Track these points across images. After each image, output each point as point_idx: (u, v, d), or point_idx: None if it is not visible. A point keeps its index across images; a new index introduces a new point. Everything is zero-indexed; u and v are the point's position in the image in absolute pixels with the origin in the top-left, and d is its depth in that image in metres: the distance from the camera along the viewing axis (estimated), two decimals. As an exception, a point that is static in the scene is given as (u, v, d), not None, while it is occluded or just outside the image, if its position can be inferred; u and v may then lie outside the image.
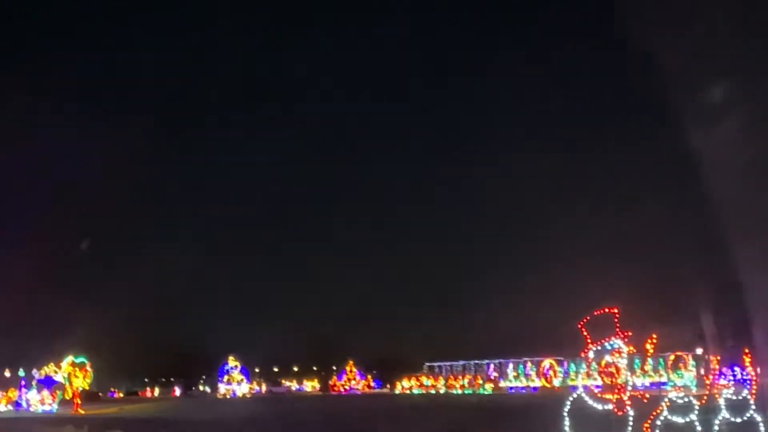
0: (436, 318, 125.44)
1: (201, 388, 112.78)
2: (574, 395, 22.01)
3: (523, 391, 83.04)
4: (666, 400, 20.87)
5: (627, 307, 22.09)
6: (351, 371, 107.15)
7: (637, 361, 22.39)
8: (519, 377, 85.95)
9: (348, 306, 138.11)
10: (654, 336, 21.33)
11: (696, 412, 20.58)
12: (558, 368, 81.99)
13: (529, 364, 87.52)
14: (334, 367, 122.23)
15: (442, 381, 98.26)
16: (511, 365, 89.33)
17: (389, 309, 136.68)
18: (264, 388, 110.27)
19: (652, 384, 75.02)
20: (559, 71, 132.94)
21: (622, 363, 21.49)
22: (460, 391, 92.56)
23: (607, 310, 21.63)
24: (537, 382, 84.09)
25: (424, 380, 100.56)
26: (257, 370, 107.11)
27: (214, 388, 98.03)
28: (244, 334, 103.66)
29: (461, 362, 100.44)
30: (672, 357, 74.20)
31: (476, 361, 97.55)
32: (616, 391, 21.40)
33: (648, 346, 21.34)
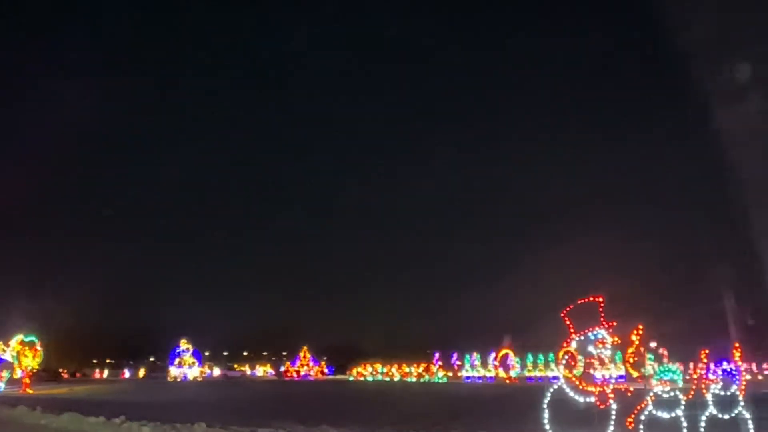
0: (391, 306, 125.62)
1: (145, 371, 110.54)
2: (554, 387, 21.06)
3: (480, 380, 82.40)
4: (651, 394, 20.00)
5: (613, 297, 21.25)
6: (305, 357, 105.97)
7: (619, 353, 21.36)
8: (476, 367, 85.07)
9: (301, 292, 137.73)
10: (640, 326, 20.42)
11: (682, 407, 19.77)
12: (516, 359, 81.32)
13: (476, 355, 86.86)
14: (285, 353, 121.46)
15: (396, 368, 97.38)
16: (470, 355, 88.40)
17: (343, 297, 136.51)
18: (216, 371, 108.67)
19: (609, 378, 75.56)
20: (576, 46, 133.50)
21: (606, 354, 20.59)
22: (415, 379, 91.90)
23: (591, 298, 20.72)
24: (493, 373, 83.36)
25: (379, 367, 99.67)
26: (207, 353, 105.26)
27: (165, 371, 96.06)
28: (195, 318, 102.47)
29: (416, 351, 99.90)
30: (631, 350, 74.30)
31: (433, 350, 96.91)
32: (599, 383, 20.47)
33: (633, 337, 20.40)
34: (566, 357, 20.90)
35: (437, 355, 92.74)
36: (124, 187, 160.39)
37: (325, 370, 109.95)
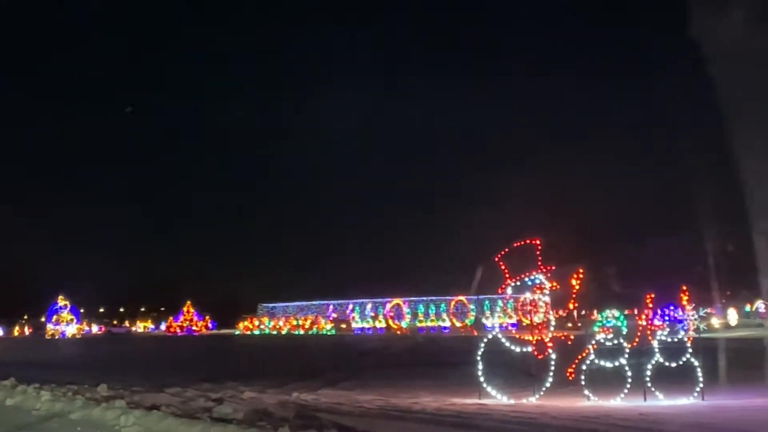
0: (273, 261, 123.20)
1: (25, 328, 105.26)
2: (489, 336, 19.56)
3: (370, 332, 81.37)
4: (593, 342, 18.70)
5: (550, 240, 19.81)
6: (188, 312, 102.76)
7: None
8: (366, 318, 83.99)
9: (180, 246, 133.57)
10: (581, 270, 19.00)
11: (626, 355, 18.54)
12: (407, 309, 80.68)
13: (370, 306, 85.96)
14: (163, 308, 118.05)
15: (284, 322, 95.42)
16: (351, 305, 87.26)
17: (226, 250, 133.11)
18: (95, 328, 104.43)
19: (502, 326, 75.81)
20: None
21: (545, 300, 19.13)
22: (302, 332, 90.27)
23: (527, 241, 19.21)
24: (384, 324, 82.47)
25: (267, 321, 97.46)
26: (82, 310, 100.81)
27: (44, 328, 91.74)
28: (69, 273, 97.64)
29: (298, 303, 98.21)
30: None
31: (317, 302, 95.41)
32: (536, 332, 19.05)
33: (573, 282, 18.98)
34: (503, 304, 19.24)
35: (330, 307, 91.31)
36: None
37: (209, 325, 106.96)
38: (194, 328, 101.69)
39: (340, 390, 21.62)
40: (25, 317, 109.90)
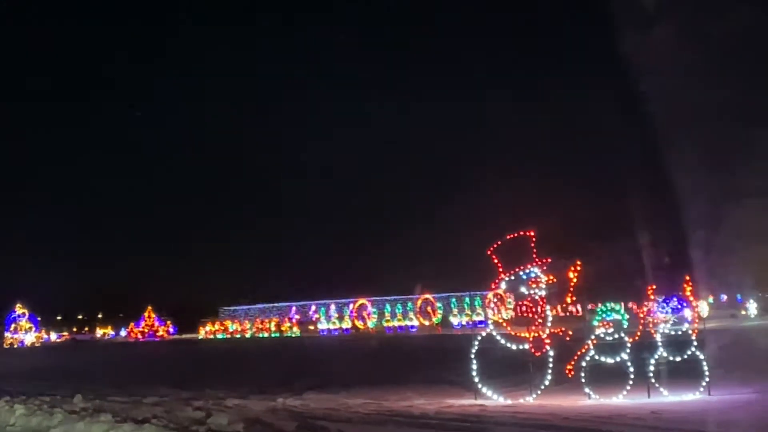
0: (231, 263, 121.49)
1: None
2: (483, 333, 18.75)
3: (336, 333, 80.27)
4: (592, 337, 17.97)
5: (546, 231, 19.06)
6: (149, 317, 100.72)
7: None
8: (331, 319, 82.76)
9: (137, 250, 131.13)
10: (578, 263, 18.27)
11: (627, 350, 17.83)
12: (372, 309, 79.73)
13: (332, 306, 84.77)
14: (121, 314, 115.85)
15: (248, 325, 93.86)
16: (314, 306, 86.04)
17: (184, 253, 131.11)
18: (53, 336, 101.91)
19: (469, 323, 75.22)
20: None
21: (541, 294, 18.33)
22: (266, 335, 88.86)
23: (521, 233, 18.45)
24: (350, 324, 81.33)
25: (230, 325, 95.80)
26: (39, 318, 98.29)
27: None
28: (24, 281, 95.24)
29: (260, 305, 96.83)
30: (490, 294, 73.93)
31: (280, 304, 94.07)
32: (533, 328, 18.26)
33: (571, 275, 18.23)
34: (495, 300, 18.45)
35: (293, 308, 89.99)
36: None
37: (170, 330, 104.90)
38: (157, 333, 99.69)
39: (325, 394, 20.80)
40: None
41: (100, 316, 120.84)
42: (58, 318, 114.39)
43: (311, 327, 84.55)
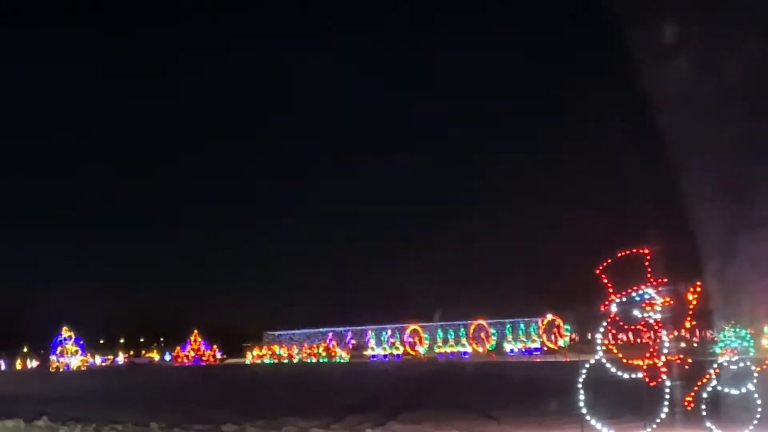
0: (274, 287, 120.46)
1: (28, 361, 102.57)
2: (592, 361, 17.07)
3: (386, 359, 78.68)
4: (715, 365, 16.26)
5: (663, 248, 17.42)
6: (195, 341, 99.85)
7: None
8: (382, 345, 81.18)
9: (179, 275, 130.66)
10: (698, 284, 16.61)
11: (755, 380, 16.08)
12: (424, 335, 78.00)
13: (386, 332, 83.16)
14: (162, 338, 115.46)
15: (296, 350, 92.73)
16: (370, 331, 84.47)
17: (225, 278, 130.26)
18: (97, 359, 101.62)
19: (523, 351, 73.38)
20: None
21: (656, 318, 16.64)
22: (314, 360, 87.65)
23: (634, 250, 16.81)
24: (401, 350, 79.65)
25: (277, 349, 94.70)
26: (82, 342, 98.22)
27: (46, 361, 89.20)
28: (68, 304, 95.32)
29: (304, 331, 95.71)
30: (547, 320, 72.27)
31: (324, 329, 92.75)
32: (648, 355, 16.57)
33: (690, 297, 16.57)
34: (605, 324, 16.80)
35: (330, 334, 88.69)
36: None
37: (216, 354, 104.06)
38: (203, 357, 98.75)
39: (410, 424, 19.40)
40: (25, 349, 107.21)
41: (141, 340, 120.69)
42: (101, 342, 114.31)
43: (365, 353, 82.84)
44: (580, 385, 16.48)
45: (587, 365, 16.76)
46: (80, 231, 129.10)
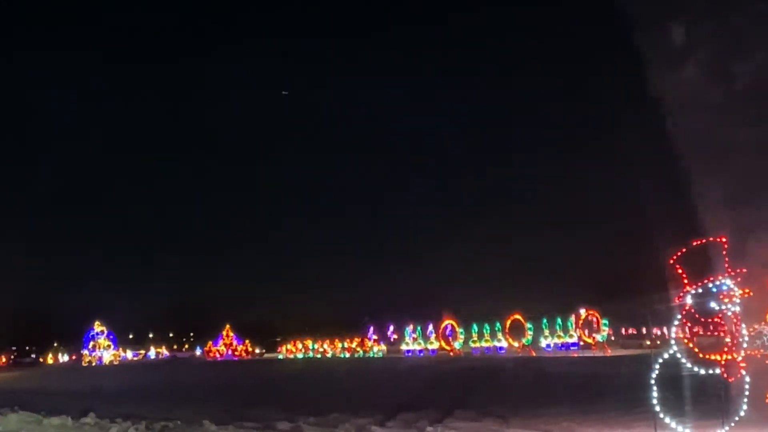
0: (314, 280, 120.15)
1: (60, 355, 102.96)
2: (666, 355, 16.14)
3: (421, 354, 77.71)
4: (798, 361, 15.29)
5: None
6: (228, 336, 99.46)
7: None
8: (417, 339, 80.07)
9: (214, 269, 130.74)
10: (781, 273, 15.64)
11: (842, 377, 15.11)
12: (459, 330, 76.74)
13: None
14: (192, 333, 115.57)
15: (328, 344, 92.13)
16: (411, 325, 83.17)
17: (261, 272, 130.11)
18: (129, 354, 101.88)
19: (559, 346, 72.05)
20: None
21: (734, 311, 15.69)
22: (348, 355, 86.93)
23: (711, 239, 15.87)
24: (436, 345, 78.52)
25: (310, 344, 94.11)
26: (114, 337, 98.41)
27: (78, 355, 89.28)
28: (98, 300, 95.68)
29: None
30: (583, 314, 70.92)
31: (364, 324, 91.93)
32: (726, 349, 15.61)
33: (772, 287, 15.62)
34: (681, 315, 15.83)
35: (371, 328, 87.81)
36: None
37: (249, 349, 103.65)
38: (235, 352, 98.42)
39: (469, 422, 18.59)
40: (55, 344, 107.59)
41: (171, 335, 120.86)
42: (130, 336, 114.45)
43: (402, 347, 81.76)
44: (652, 381, 15.62)
45: (660, 360, 15.89)
46: (110, 228, 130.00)
